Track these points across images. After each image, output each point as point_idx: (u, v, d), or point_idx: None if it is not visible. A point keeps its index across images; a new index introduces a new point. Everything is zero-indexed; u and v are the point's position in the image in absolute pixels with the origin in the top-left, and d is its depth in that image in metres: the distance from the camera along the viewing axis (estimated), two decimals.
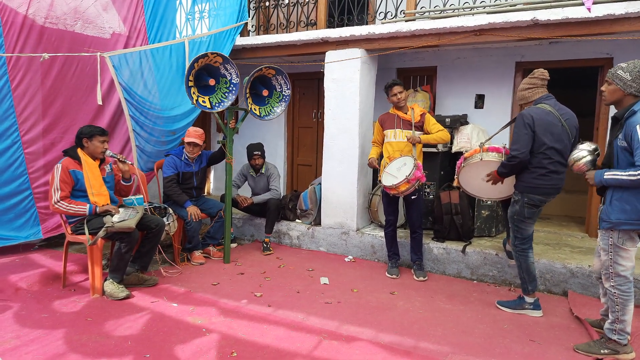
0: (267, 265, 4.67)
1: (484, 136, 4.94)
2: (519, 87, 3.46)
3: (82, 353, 2.76)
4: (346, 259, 4.92)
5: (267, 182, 5.39)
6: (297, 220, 5.54)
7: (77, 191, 3.68)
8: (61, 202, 3.58)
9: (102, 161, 3.88)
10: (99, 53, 4.46)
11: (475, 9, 4.47)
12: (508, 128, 4.65)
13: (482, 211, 4.74)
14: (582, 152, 2.96)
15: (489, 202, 4.68)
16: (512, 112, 5.28)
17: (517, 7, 4.24)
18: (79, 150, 3.73)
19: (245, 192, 5.54)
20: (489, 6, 4.42)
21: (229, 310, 3.48)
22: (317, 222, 5.34)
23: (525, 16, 4.02)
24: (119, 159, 3.87)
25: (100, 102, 4.46)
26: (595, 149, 2.97)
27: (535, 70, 3.37)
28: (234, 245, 5.33)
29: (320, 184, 5.35)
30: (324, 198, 5.23)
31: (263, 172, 5.38)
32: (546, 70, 3.35)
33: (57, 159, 4.52)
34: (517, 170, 3.34)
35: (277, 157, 6.84)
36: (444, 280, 4.30)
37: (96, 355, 2.74)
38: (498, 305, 3.64)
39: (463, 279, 4.34)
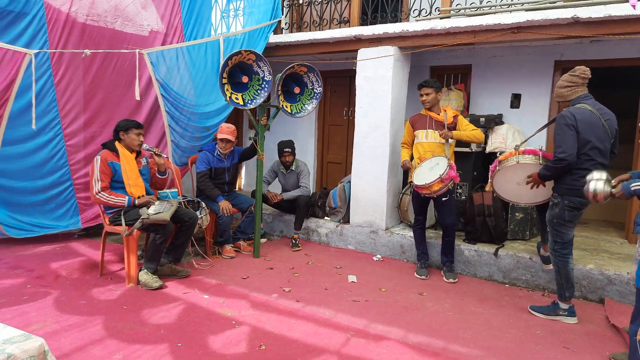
0: (295, 261, 4.71)
1: (519, 137, 4.82)
2: (557, 83, 3.36)
3: (118, 339, 2.87)
4: (374, 258, 4.91)
5: (297, 179, 5.44)
6: (325, 218, 5.56)
7: (114, 182, 3.81)
8: (102, 192, 3.72)
9: (139, 154, 4.00)
10: (137, 50, 4.59)
11: (513, 6, 4.37)
12: (545, 129, 4.53)
13: (516, 213, 4.64)
14: (597, 183, 2.69)
15: (523, 204, 4.57)
16: (550, 113, 5.14)
17: (557, 4, 4.12)
18: (117, 143, 3.87)
19: (275, 188, 5.60)
20: (528, 3, 4.31)
21: (259, 304, 3.53)
22: (346, 220, 5.34)
23: (566, 14, 3.90)
24: (154, 152, 3.99)
25: (138, 98, 4.59)
26: (603, 173, 2.76)
27: (577, 67, 3.24)
28: (263, 240, 5.40)
29: (349, 182, 5.35)
30: (353, 196, 5.23)
31: (293, 169, 5.43)
32: (588, 69, 3.23)
33: (97, 151, 4.67)
34: (561, 174, 3.22)
35: (307, 154, 6.88)
36: (474, 283, 4.23)
37: (131, 342, 2.84)
38: (531, 310, 3.56)
39: (494, 282, 4.26)
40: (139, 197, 3.85)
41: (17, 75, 4.05)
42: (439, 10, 4.75)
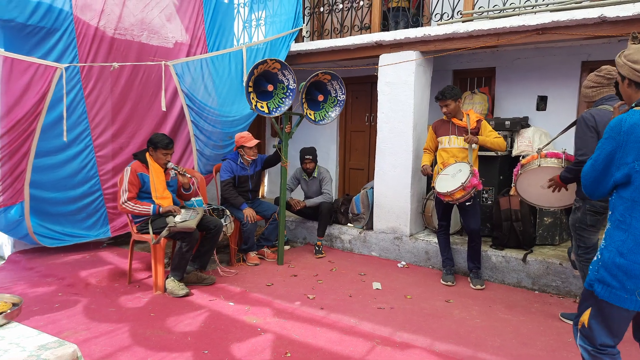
0: (319, 268, 4.71)
1: (546, 139, 4.73)
2: (583, 83, 3.28)
3: (145, 346, 2.92)
4: (399, 265, 4.87)
5: (320, 185, 5.45)
6: (349, 224, 5.55)
7: (143, 193, 3.91)
8: (128, 202, 3.81)
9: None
10: (163, 62, 4.70)
11: (537, 7, 4.30)
12: (572, 131, 4.42)
13: (545, 218, 4.54)
14: None
15: (552, 209, 4.47)
16: (578, 114, 5.02)
17: (584, 3, 4.04)
18: (148, 155, 3.97)
19: (298, 195, 5.63)
20: (553, 4, 4.23)
21: (283, 311, 3.54)
22: (369, 226, 5.32)
23: (592, 13, 3.81)
24: (179, 172, 4.07)
25: (164, 109, 4.69)
26: None
27: (603, 67, 3.16)
28: (287, 247, 5.42)
29: (372, 188, 5.33)
30: (376, 202, 5.21)
31: (315, 175, 5.45)
32: (614, 68, 3.14)
33: (125, 162, 4.82)
34: None
35: (329, 161, 6.89)
36: (502, 290, 4.15)
37: (159, 349, 2.88)
38: (562, 318, 3.47)
39: (523, 289, 4.17)
40: (165, 207, 3.92)
41: (49, 89, 4.19)
42: (461, 14, 4.72)
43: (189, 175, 4.19)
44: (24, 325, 1.97)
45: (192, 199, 4.12)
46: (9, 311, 2.03)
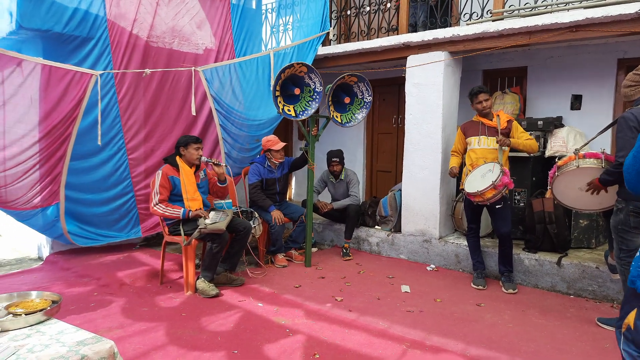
0: (347, 270, 4.70)
1: (581, 139, 4.59)
2: (622, 82, 3.17)
3: (178, 345, 2.97)
4: (428, 268, 4.81)
5: (347, 188, 5.44)
6: (376, 227, 5.52)
7: (174, 195, 3.99)
8: (159, 204, 3.90)
9: (197, 168, 4.16)
10: (193, 67, 4.80)
11: (570, 4, 4.20)
12: (610, 131, 4.29)
13: (580, 220, 4.40)
14: None
15: (588, 211, 4.33)
16: (614, 114, 4.86)
17: None
18: (178, 159, 4.06)
19: (325, 198, 5.63)
20: (587, 0, 4.12)
21: (312, 313, 3.55)
22: (397, 229, 5.27)
23: (629, 9, 3.69)
24: (213, 162, 4.14)
25: (194, 113, 4.79)
26: None
27: None
28: (314, 249, 5.43)
29: (400, 190, 5.29)
30: (404, 204, 5.16)
31: (342, 178, 5.44)
32: None
33: (156, 164, 4.94)
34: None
35: (356, 163, 6.88)
36: (536, 294, 4.04)
37: (191, 349, 2.93)
38: (599, 323, 3.35)
39: (558, 293, 4.05)
40: (194, 211, 4.00)
41: (85, 95, 4.35)
42: (491, 13, 4.64)
43: (224, 164, 4.26)
44: (63, 322, 2.04)
45: (222, 201, 4.18)
46: (48, 308, 2.11)
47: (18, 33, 4.19)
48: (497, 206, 3.95)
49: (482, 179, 3.89)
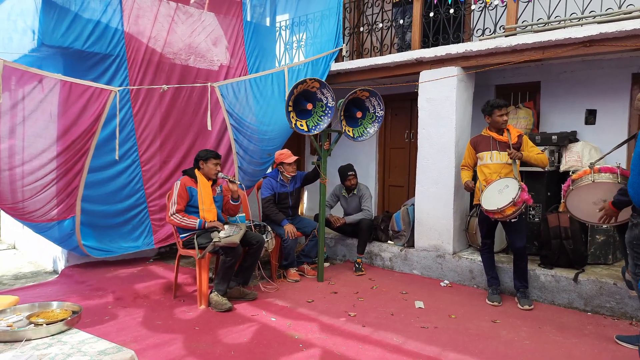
0: (359, 285, 4.71)
1: (596, 154, 4.59)
2: (637, 96, 3.19)
3: (192, 359, 3.00)
4: (442, 284, 4.80)
5: (359, 202, 5.48)
6: (389, 242, 5.53)
7: (190, 206, 4.08)
8: (176, 214, 3.99)
9: (214, 183, 4.25)
10: (209, 84, 4.91)
11: (583, 19, 4.24)
12: (625, 146, 4.28)
13: (597, 236, 4.37)
14: None
15: (605, 226, 4.31)
16: (629, 129, 4.85)
17: (633, 14, 3.95)
18: (196, 171, 4.17)
19: (337, 212, 5.67)
20: (600, 15, 4.16)
21: (325, 328, 3.56)
22: (410, 244, 5.28)
23: None
24: (229, 180, 4.23)
25: (210, 128, 4.88)
26: None
27: None
28: (326, 264, 5.45)
29: (413, 204, 5.31)
30: (417, 219, 5.18)
31: (355, 192, 5.48)
32: None
33: (168, 175, 5.07)
34: None
35: (368, 178, 6.91)
36: (552, 311, 4.01)
37: None
38: (617, 341, 3.31)
39: (575, 310, 4.02)
40: (209, 221, 4.07)
41: (104, 111, 4.46)
42: (503, 28, 4.70)
43: (239, 182, 4.34)
44: (84, 332, 2.09)
45: (236, 215, 4.25)
46: (69, 318, 2.16)
47: (40, 50, 4.34)
48: (512, 220, 3.95)
49: (500, 194, 3.89)
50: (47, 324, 2.09)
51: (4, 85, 3.88)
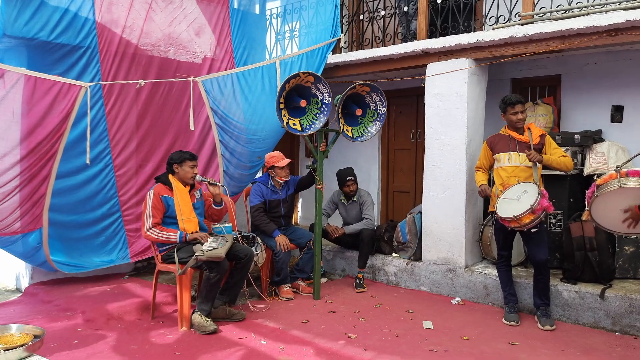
0: (360, 304, 4.68)
1: (624, 155, 4.59)
2: None
3: None
4: (453, 301, 4.78)
5: (360, 210, 5.46)
6: (393, 254, 5.51)
7: (167, 217, 4.04)
8: (153, 229, 3.95)
9: (192, 187, 4.21)
10: (192, 78, 4.89)
11: (608, 5, 4.25)
12: None
13: (625, 247, 4.37)
14: None
15: (634, 236, 4.30)
16: None
17: None
18: (170, 177, 4.12)
19: (336, 221, 5.65)
20: (626, 1, 4.17)
21: (321, 352, 3.54)
22: (417, 256, 5.26)
23: None
24: (209, 182, 4.20)
25: (192, 128, 4.86)
26: None
27: None
28: (323, 280, 5.42)
29: (420, 212, 5.29)
30: (425, 229, 5.16)
31: (355, 199, 5.47)
32: None
33: (144, 181, 5.04)
34: None
35: (370, 183, 6.91)
36: (576, 331, 3.99)
37: None
38: None
39: (602, 330, 4.00)
40: (191, 233, 4.04)
41: (73, 109, 4.43)
42: (519, 16, 4.71)
43: (221, 184, 4.30)
44: (47, 359, 2.06)
45: (221, 225, 4.22)
46: (30, 343, 2.12)
47: (1, 41, 4.31)
48: (532, 230, 3.92)
49: (517, 201, 3.88)
50: (4, 350, 2.05)
51: None
